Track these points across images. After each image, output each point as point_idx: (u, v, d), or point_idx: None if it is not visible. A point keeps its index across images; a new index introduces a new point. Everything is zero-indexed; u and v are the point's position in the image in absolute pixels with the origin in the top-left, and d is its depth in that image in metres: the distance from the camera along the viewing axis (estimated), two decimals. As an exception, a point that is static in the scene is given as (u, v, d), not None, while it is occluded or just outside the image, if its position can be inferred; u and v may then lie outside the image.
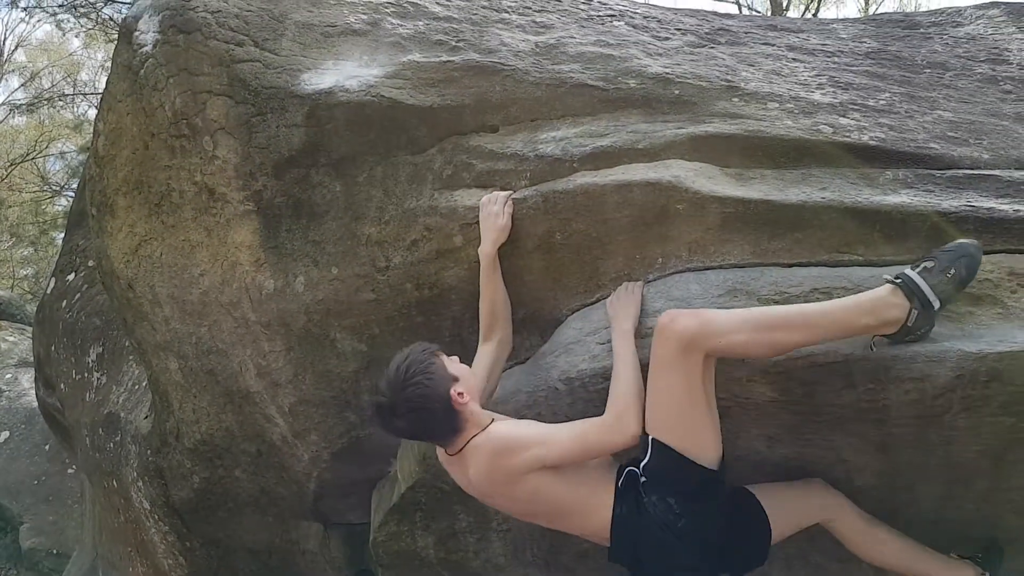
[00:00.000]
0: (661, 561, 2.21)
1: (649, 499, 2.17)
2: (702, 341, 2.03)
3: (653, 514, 2.16)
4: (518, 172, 2.52)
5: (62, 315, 4.65)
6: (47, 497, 6.80)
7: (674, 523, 2.14)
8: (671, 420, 2.10)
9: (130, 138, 2.96)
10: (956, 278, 2.08)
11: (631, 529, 2.20)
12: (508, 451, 2.19)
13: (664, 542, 2.17)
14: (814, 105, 2.56)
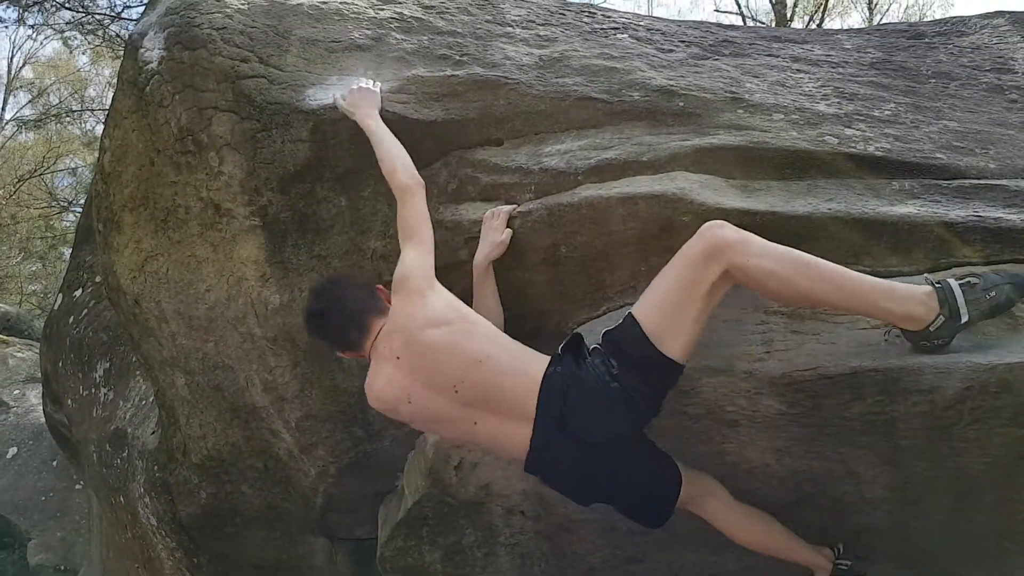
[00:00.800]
0: (581, 419, 2.16)
1: (593, 360, 2.17)
2: (730, 253, 2.02)
3: (591, 371, 2.14)
4: (523, 185, 2.52)
5: (69, 331, 4.66)
6: (55, 513, 6.79)
7: (608, 382, 2.11)
8: (657, 306, 2.11)
9: (136, 154, 2.97)
10: (993, 302, 2.05)
11: (561, 386, 2.15)
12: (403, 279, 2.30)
13: (592, 396, 2.13)
14: (819, 116, 2.56)
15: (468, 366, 2.23)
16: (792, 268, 2.04)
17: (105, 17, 11.21)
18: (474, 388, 2.24)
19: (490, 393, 2.23)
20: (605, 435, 2.19)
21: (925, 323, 2.05)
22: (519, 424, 2.20)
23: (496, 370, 2.22)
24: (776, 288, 2.07)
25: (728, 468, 2.45)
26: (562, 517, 2.82)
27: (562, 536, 2.87)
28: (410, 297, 2.30)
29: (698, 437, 2.41)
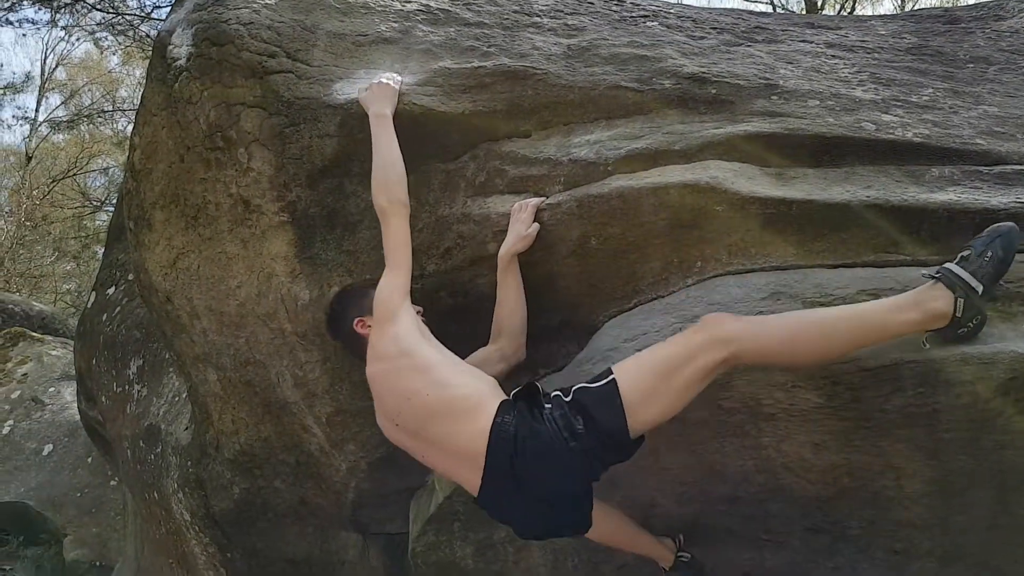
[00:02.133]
0: (538, 472, 2.08)
1: (552, 412, 2.09)
2: (733, 345, 2.00)
3: (549, 425, 2.06)
4: (552, 177, 2.49)
5: (103, 328, 4.70)
6: (90, 509, 6.87)
7: (567, 440, 2.04)
8: (643, 377, 2.05)
9: (166, 151, 2.98)
10: (995, 259, 2.02)
11: (512, 439, 2.07)
12: (379, 301, 2.36)
13: (548, 453, 2.05)
14: (856, 102, 2.51)
15: (399, 402, 2.27)
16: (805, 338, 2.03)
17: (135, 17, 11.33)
18: (410, 422, 2.26)
19: (429, 430, 2.22)
20: (558, 493, 2.15)
21: (950, 314, 2.01)
22: (467, 468, 2.16)
23: (423, 407, 2.21)
24: (788, 364, 2.09)
25: (764, 462, 2.41)
26: (595, 512, 2.80)
27: (595, 532, 2.85)
28: (374, 327, 2.39)
29: (733, 431, 2.37)
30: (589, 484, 2.16)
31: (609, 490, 2.70)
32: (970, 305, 2.00)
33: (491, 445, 2.09)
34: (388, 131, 2.48)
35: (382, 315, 2.36)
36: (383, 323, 2.35)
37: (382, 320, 2.35)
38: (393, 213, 2.41)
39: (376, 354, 2.35)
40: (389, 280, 2.39)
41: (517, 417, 2.10)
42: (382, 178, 2.43)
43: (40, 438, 7.57)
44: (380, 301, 2.38)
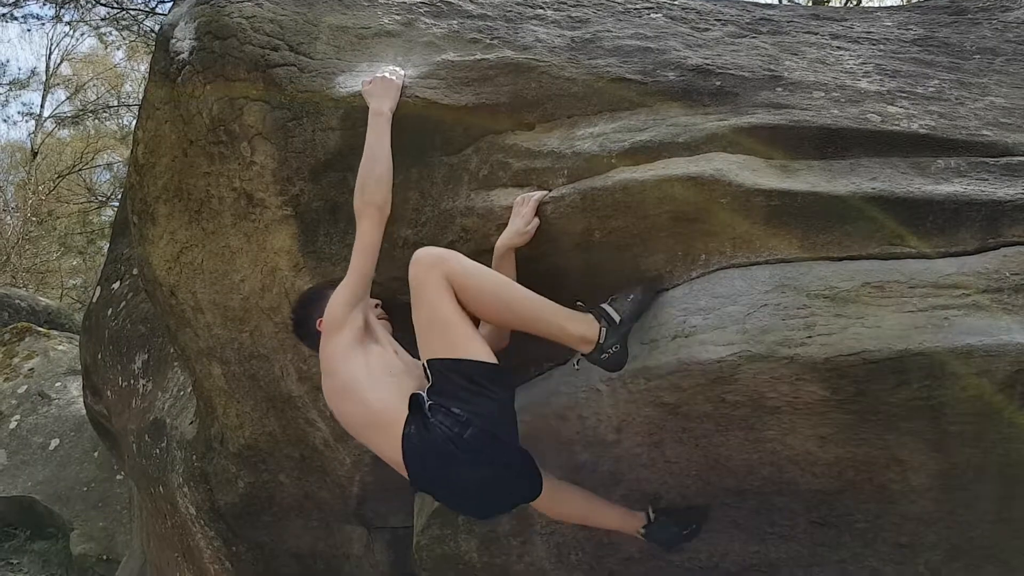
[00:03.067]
0: (448, 478, 2.24)
1: (435, 418, 2.19)
2: (443, 265, 2.21)
3: (439, 431, 2.17)
4: (555, 170, 2.47)
5: (108, 323, 4.71)
6: (97, 503, 6.90)
7: (460, 434, 2.15)
8: (436, 337, 2.24)
9: (169, 145, 2.98)
10: (635, 302, 2.34)
11: (419, 449, 2.22)
12: (332, 316, 2.41)
13: (448, 456, 2.17)
14: (861, 93, 2.49)
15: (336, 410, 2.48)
16: (497, 283, 2.28)
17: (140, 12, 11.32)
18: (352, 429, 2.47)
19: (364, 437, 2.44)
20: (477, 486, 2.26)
21: (595, 340, 2.27)
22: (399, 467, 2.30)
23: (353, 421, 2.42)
24: (481, 303, 2.24)
25: (769, 456, 2.41)
26: (599, 506, 2.79)
27: (599, 525, 2.85)
28: (324, 336, 2.44)
29: (737, 424, 2.36)
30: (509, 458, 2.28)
31: (612, 484, 2.70)
32: (612, 332, 2.28)
33: (406, 457, 2.24)
34: (382, 130, 2.48)
35: (327, 325, 2.44)
36: (327, 333, 2.44)
37: (327, 330, 2.44)
38: (366, 215, 2.42)
39: (325, 368, 2.47)
40: (340, 288, 2.44)
41: (415, 429, 2.23)
42: (363, 178, 2.44)
43: (47, 433, 7.60)
44: (327, 309, 2.44)
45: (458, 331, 2.22)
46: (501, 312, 2.30)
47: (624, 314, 2.30)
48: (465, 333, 2.23)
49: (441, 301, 2.21)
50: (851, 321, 2.14)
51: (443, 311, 2.22)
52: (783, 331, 2.14)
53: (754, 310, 2.19)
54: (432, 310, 2.23)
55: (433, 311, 2.23)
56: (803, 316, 2.15)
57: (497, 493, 2.34)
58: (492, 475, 2.24)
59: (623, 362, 2.32)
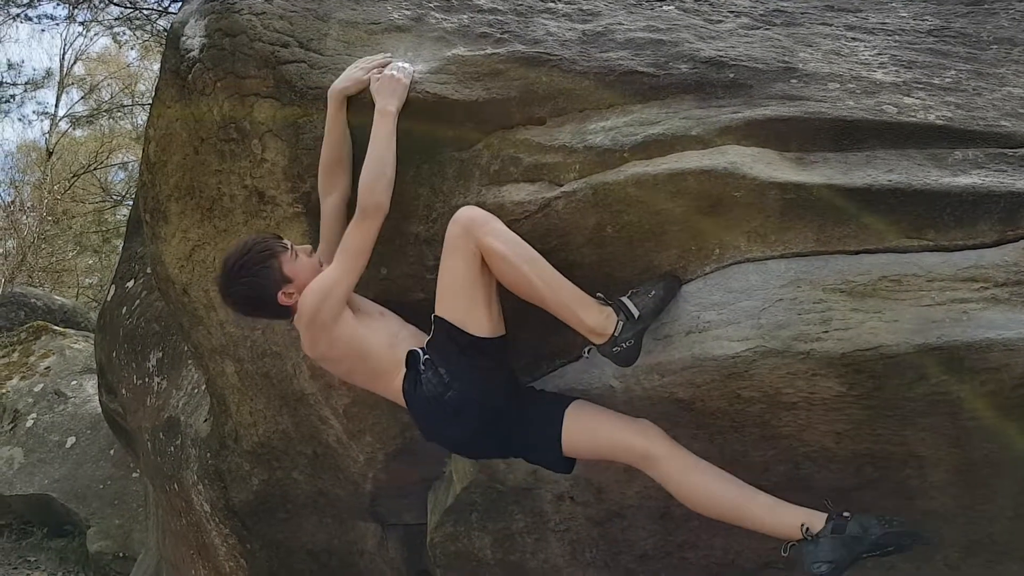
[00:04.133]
0: (434, 431, 2.51)
1: (425, 374, 2.37)
2: (476, 230, 2.27)
3: (425, 388, 2.37)
4: (567, 165, 2.46)
5: (122, 321, 4.73)
6: (112, 501, 6.94)
7: (442, 394, 2.35)
8: (449, 298, 2.35)
9: (180, 143, 2.98)
10: (656, 298, 2.30)
11: (413, 401, 2.44)
12: (312, 311, 2.41)
13: (434, 413, 2.41)
14: (876, 84, 2.46)
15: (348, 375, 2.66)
16: (525, 257, 2.29)
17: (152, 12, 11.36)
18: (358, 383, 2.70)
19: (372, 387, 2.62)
20: (458, 440, 2.53)
21: (610, 332, 2.26)
22: None
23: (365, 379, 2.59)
24: (506, 272, 2.29)
25: (785, 452, 2.39)
26: (613, 503, 2.78)
27: (613, 522, 2.83)
28: (315, 324, 2.43)
29: (753, 421, 2.34)
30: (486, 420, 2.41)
31: (626, 481, 2.69)
32: (628, 327, 2.25)
33: (407, 405, 2.47)
34: (388, 130, 2.45)
35: (325, 315, 2.41)
36: (325, 323, 2.42)
37: (323, 320, 2.41)
38: (370, 216, 2.39)
39: (319, 349, 2.50)
40: (339, 279, 2.41)
41: (408, 384, 2.44)
42: (370, 178, 2.40)
43: (63, 431, 7.65)
44: (323, 298, 2.40)
45: (468, 299, 2.32)
46: (522, 285, 2.32)
47: (644, 310, 2.28)
48: (474, 303, 2.32)
49: (463, 268, 2.30)
50: (868, 315, 2.12)
51: (462, 277, 2.31)
52: (799, 326, 2.12)
53: (769, 305, 2.17)
54: (453, 273, 2.33)
55: (454, 274, 2.33)
56: (819, 311, 2.13)
57: (488, 446, 2.54)
58: (473, 434, 2.44)
59: (634, 358, 2.30)
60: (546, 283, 2.30)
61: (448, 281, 2.36)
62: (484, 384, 2.39)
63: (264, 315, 2.63)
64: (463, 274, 2.31)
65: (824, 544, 2.17)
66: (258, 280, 2.44)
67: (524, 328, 2.57)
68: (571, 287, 2.32)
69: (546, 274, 2.31)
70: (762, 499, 2.29)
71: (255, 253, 2.46)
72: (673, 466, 2.32)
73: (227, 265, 2.48)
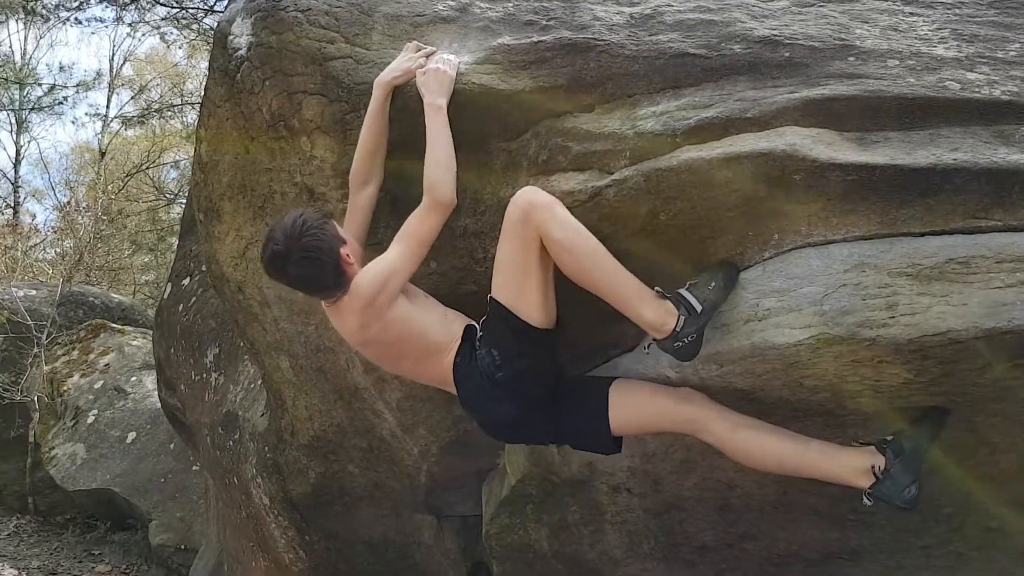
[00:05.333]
0: (479, 406, 2.52)
1: (480, 351, 2.44)
2: (537, 216, 2.25)
3: (479, 364, 2.42)
4: (617, 152, 2.41)
5: (179, 318, 4.81)
6: (173, 494, 7.07)
7: (493, 373, 2.40)
8: (505, 281, 2.35)
9: (231, 143, 3.00)
10: (716, 289, 2.24)
11: (464, 376, 2.47)
12: (369, 295, 2.40)
13: (483, 389, 2.44)
14: (938, 60, 2.36)
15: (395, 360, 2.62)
16: (586, 246, 2.26)
17: (199, 11, 11.51)
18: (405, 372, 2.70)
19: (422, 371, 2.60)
20: (500, 421, 2.52)
21: (671, 326, 2.22)
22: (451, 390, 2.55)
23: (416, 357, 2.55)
24: (566, 261, 2.27)
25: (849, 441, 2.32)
26: (671, 495, 2.74)
27: (672, 514, 2.80)
28: (371, 308, 2.43)
29: (815, 410, 2.28)
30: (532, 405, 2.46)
31: (686, 472, 2.65)
32: (690, 322, 2.21)
33: (455, 379, 2.50)
34: (443, 124, 2.45)
35: (383, 300, 2.41)
36: (381, 307, 2.42)
37: (380, 304, 2.41)
38: (435, 211, 2.41)
39: (369, 332, 2.48)
40: (399, 267, 2.42)
41: (462, 358, 2.48)
42: (441, 172, 2.41)
43: (124, 426, 7.81)
44: (383, 283, 2.41)
45: (523, 285, 2.33)
46: (581, 274, 2.29)
47: (705, 303, 2.23)
48: (528, 289, 2.33)
49: (521, 253, 2.30)
50: (936, 299, 2.04)
51: (518, 262, 2.31)
52: (864, 312, 2.06)
53: (832, 290, 2.10)
54: (511, 256, 2.33)
55: (512, 257, 2.33)
56: (885, 296, 2.06)
57: (532, 430, 2.57)
58: (519, 415, 2.46)
59: (695, 352, 2.26)
60: (607, 274, 2.28)
61: (505, 264, 2.36)
62: (533, 370, 2.42)
63: (322, 281, 2.47)
64: (520, 259, 2.31)
65: (897, 471, 2.16)
66: (322, 237, 2.41)
67: (577, 317, 2.55)
68: (632, 279, 2.28)
69: (607, 265, 2.27)
70: (815, 445, 2.28)
71: (310, 215, 2.46)
72: (723, 426, 2.32)
73: (284, 228, 2.43)
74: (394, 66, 2.56)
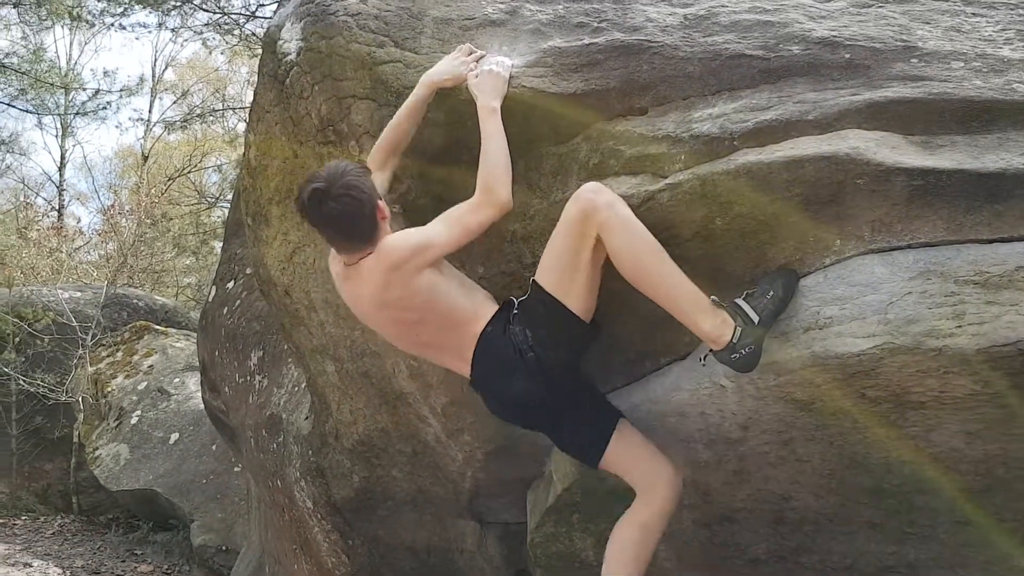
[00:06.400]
0: (497, 379, 2.49)
1: (514, 328, 2.42)
2: (598, 216, 2.23)
3: (512, 339, 2.41)
4: (671, 155, 2.37)
5: (224, 321, 4.85)
6: (215, 495, 7.13)
7: (525, 351, 2.39)
8: (554, 271, 2.35)
9: (280, 147, 3.01)
10: (775, 299, 2.19)
11: (491, 346, 2.45)
12: (401, 258, 2.39)
13: (510, 363, 2.41)
14: (1004, 62, 2.29)
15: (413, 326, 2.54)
16: (646, 249, 2.24)
17: (240, 16, 11.64)
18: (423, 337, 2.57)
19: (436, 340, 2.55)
20: (519, 398, 2.50)
21: (728, 338, 2.19)
22: (461, 362, 2.53)
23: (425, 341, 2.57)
24: (625, 263, 2.25)
25: (911, 453, 2.26)
26: (723, 507, 2.69)
27: (723, 526, 2.74)
28: (399, 271, 2.40)
29: (877, 421, 2.22)
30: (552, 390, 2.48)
31: (738, 483, 2.59)
32: (747, 332, 2.17)
33: (476, 350, 2.47)
34: (497, 127, 2.43)
35: (412, 266, 2.39)
36: (408, 273, 2.40)
37: (408, 269, 2.39)
38: (489, 209, 2.39)
39: (392, 293, 2.44)
40: (437, 243, 2.40)
41: (494, 328, 2.46)
42: (493, 176, 2.38)
43: (167, 427, 7.91)
44: (417, 251, 2.39)
45: (570, 277, 2.32)
46: (639, 278, 2.27)
47: (763, 313, 2.18)
48: (574, 282, 2.32)
49: (573, 248, 2.30)
50: (1005, 308, 1.98)
51: (571, 256, 2.31)
52: (930, 321, 1.99)
53: (897, 298, 2.04)
54: (563, 248, 2.32)
55: (563, 250, 2.33)
56: (951, 304, 2.00)
57: (535, 417, 2.60)
58: (531, 398, 2.48)
59: (754, 364, 2.21)
60: (665, 280, 2.25)
61: (555, 254, 2.35)
62: (562, 358, 2.45)
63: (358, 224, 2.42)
64: (572, 255, 2.30)
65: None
66: (364, 182, 2.40)
67: (629, 323, 2.51)
68: (691, 288, 2.24)
69: (667, 270, 2.24)
70: None
71: (352, 164, 2.46)
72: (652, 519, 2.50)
73: (327, 168, 2.42)
74: (444, 69, 2.54)
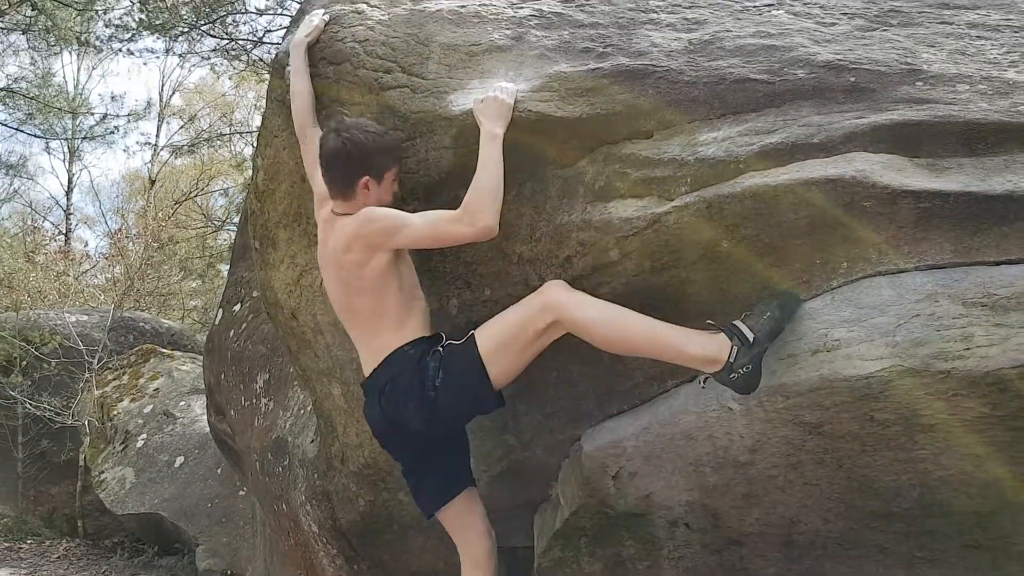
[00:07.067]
0: (394, 397, 2.57)
1: (430, 362, 2.52)
2: (561, 308, 2.39)
3: (422, 370, 2.51)
4: (676, 178, 2.38)
5: (230, 344, 4.85)
6: (220, 519, 7.08)
7: (428, 387, 2.49)
8: (495, 338, 2.48)
9: (287, 172, 3.03)
10: (771, 320, 2.21)
11: (400, 365, 2.56)
12: (371, 220, 2.49)
13: (409, 389, 2.53)
14: (1009, 84, 2.30)
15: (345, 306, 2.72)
16: (608, 316, 2.37)
17: (248, 42, 11.75)
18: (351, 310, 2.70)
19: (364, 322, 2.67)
20: (400, 422, 2.60)
21: (724, 359, 2.21)
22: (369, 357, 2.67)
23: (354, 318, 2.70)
24: (602, 335, 2.38)
25: (920, 476, 2.24)
26: (732, 530, 2.66)
27: (732, 550, 2.72)
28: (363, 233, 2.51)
29: (886, 444, 2.20)
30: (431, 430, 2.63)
31: (747, 507, 2.58)
32: (743, 352, 2.19)
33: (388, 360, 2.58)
34: (497, 153, 2.47)
35: (378, 236, 2.50)
36: (371, 240, 2.51)
37: (372, 235, 2.50)
38: (468, 230, 2.44)
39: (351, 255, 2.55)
40: (410, 231, 2.49)
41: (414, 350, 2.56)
42: (481, 202, 2.43)
43: (172, 450, 7.88)
44: (389, 225, 2.49)
45: (506, 353, 2.46)
46: (617, 344, 2.40)
47: (759, 332, 2.20)
48: (508, 359, 2.47)
49: (521, 326, 2.45)
50: (1013, 331, 1.98)
51: (516, 333, 2.45)
52: (938, 343, 1.99)
53: (905, 321, 2.04)
54: (513, 320, 2.48)
55: (511, 324, 2.47)
56: (960, 326, 1.99)
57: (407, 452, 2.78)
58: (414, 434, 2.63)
59: (755, 384, 2.22)
60: (639, 332, 2.35)
61: (504, 323, 2.49)
62: (456, 412, 2.63)
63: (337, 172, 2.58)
64: (518, 332, 2.45)
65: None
66: (367, 139, 2.53)
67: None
68: (667, 327, 2.33)
69: (634, 325, 2.35)
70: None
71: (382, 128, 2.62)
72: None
73: (354, 119, 2.64)
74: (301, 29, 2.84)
